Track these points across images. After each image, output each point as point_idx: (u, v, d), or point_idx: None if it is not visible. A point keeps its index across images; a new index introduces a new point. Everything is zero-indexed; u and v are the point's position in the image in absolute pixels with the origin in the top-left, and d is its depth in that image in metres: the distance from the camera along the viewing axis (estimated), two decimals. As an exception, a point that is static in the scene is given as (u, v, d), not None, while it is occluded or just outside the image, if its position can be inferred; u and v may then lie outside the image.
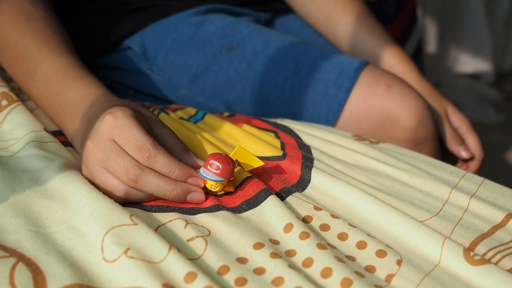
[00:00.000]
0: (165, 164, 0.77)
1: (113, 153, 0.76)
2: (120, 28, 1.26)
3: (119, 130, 0.77)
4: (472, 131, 1.29)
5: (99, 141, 0.77)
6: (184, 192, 0.78)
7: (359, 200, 0.80)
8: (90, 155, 0.78)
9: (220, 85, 1.23)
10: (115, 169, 0.76)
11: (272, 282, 0.65)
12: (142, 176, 0.76)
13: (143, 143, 0.76)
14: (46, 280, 0.62)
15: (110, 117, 0.77)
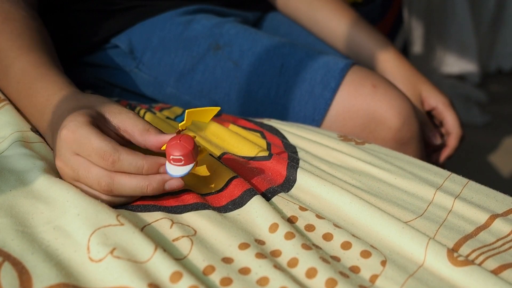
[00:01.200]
0: (131, 163, 0.75)
1: (80, 169, 0.75)
2: (107, 26, 1.26)
3: (78, 144, 0.75)
4: (449, 109, 1.36)
5: (64, 159, 0.77)
6: (159, 183, 0.77)
7: (344, 200, 0.80)
8: (63, 173, 0.78)
9: (206, 84, 1.23)
10: (87, 183, 0.76)
11: (257, 282, 0.65)
12: (114, 183, 0.75)
13: (103, 150, 0.74)
14: (32, 279, 0.62)
15: (65, 132, 0.76)
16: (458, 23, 3.17)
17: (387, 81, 1.19)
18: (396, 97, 1.16)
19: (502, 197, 0.84)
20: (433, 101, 1.33)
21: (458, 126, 1.32)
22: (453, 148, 1.33)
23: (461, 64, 3.25)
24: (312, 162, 0.92)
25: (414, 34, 3.21)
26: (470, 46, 3.21)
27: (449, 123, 1.33)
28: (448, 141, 1.32)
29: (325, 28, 1.40)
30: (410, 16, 3.13)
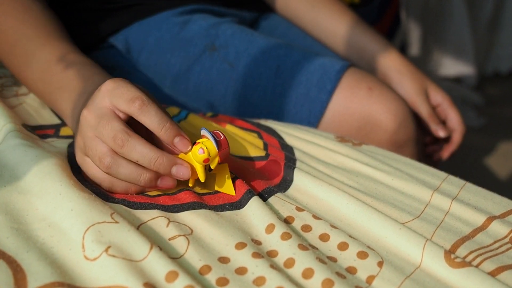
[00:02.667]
0: (157, 115, 0.75)
1: (103, 118, 0.75)
2: (104, 26, 1.26)
3: (115, 89, 0.76)
4: (453, 107, 1.35)
5: (94, 108, 0.77)
6: (169, 162, 0.76)
7: (341, 201, 0.80)
8: (84, 123, 0.77)
9: (202, 86, 1.23)
10: (103, 134, 0.75)
11: (254, 282, 0.65)
12: (129, 140, 0.74)
13: (136, 94, 0.75)
14: (27, 278, 0.62)
15: (109, 82, 0.77)
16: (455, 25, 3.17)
17: (383, 84, 1.19)
18: (392, 100, 1.16)
19: (499, 199, 0.84)
20: (439, 97, 1.34)
21: (462, 123, 1.34)
22: (457, 144, 1.34)
23: (458, 66, 3.26)
24: (309, 162, 0.92)
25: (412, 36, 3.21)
26: (467, 49, 3.21)
27: (454, 119, 1.34)
28: (453, 137, 1.34)
29: (325, 29, 1.40)
30: (408, 18, 3.14)
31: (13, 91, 1.05)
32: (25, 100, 1.02)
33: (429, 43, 3.26)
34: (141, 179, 0.77)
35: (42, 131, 0.93)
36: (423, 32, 3.21)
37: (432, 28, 3.23)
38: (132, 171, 0.76)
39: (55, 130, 0.94)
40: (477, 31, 3.29)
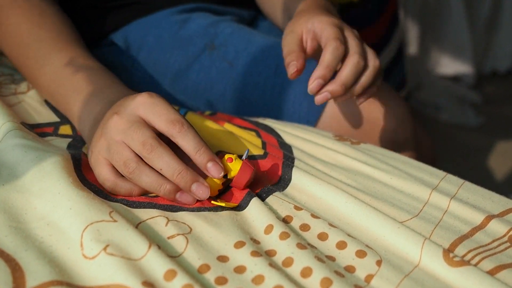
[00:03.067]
0: (194, 139, 0.77)
1: (135, 124, 0.77)
2: (104, 23, 1.26)
3: (153, 105, 0.78)
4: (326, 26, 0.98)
5: (126, 114, 0.78)
6: (192, 178, 0.77)
7: (340, 200, 0.80)
8: (113, 127, 0.78)
9: (201, 84, 1.23)
10: (133, 137, 0.76)
11: (253, 280, 0.65)
12: (158, 148, 0.76)
13: (177, 117, 0.77)
14: (25, 276, 0.62)
15: (145, 95, 0.79)
16: (453, 24, 3.17)
17: (382, 83, 1.19)
18: (391, 99, 1.16)
19: (498, 198, 0.84)
20: (310, 25, 0.99)
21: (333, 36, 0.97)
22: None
23: (456, 65, 3.26)
24: (308, 161, 0.92)
25: (410, 34, 3.21)
26: (465, 47, 3.21)
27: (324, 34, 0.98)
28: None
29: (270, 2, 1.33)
30: (406, 17, 3.14)
31: (11, 89, 1.05)
32: (23, 98, 1.02)
33: (427, 42, 3.26)
34: (161, 189, 0.78)
35: (40, 129, 0.93)
36: (421, 31, 3.21)
37: (430, 27, 3.23)
38: (153, 180, 0.78)
39: (54, 128, 0.94)
40: (475, 30, 3.28)
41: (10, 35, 1.01)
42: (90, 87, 0.92)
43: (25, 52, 1.00)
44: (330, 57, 0.92)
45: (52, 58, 0.97)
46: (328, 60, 0.92)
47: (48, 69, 0.97)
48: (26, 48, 0.99)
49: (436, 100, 3.05)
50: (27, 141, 0.83)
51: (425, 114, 2.99)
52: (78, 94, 0.92)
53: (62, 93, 0.94)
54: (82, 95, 0.91)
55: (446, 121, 2.93)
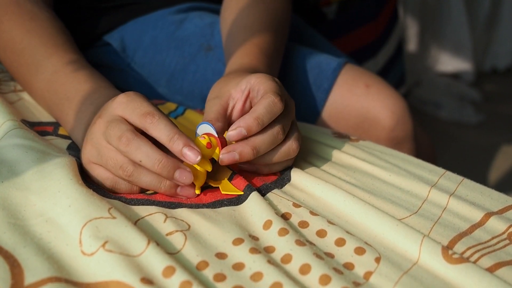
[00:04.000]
0: (166, 128, 0.76)
1: (112, 122, 0.77)
2: (100, 24, 1.26)
3: (129, 102, 0.78)
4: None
5: (107, 116, 0.78)
6: (173, 165, 0.76)
7: (339, 198, 0.80)
8: (96, 131, 0.78)
9: (197, 85, 1.22)
10: (110, 134, 0.76)
11: (251, 277, 0.65)
12: (134, 139, 0.75)
13: (148, 109, 0.76)
14: (24, 273, 0.62)
15: (122, 95, 0.79)
16: (453, 21, 3.18)
17: (381, 80, 1.19)
18: (390, 97, 1.16)
19: (497, 195, 0.84)
20: (245, 85, 0.87)
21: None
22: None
23: (455, 62, 3.26)
24: (306, 158, 0.92)
25: (409, 32, 3.21)
26: (465, 45, 3.22)
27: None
28: None
29: None
30: (405, 14, 3.14)
31: (11, 86, 1.05)
32: (23, 95, 1.02)
33: (426, 39, 3.26)
34: (162, 185, 0.78)
35: (41, 127, 0.93)
36: (420, 28, 3.21)
37: (429, 25, 3.23)
38: (153, 178, 0.78)
39: (54, 127, 0.94)
40: (475, 27, 3.29)
41: (3, 42, 1.01)
42: (79, 94, 0.91)
43: (18, 60, 0.99)
44: (263, 111, 0.80)
45: (43, 65, 0.96)
46: (260, 113, 0.80)
47: (40, 77, 0.96)
48: (18, 55, 0.99)
49: (435, 97, 3.06)
50: (28, 141, 0.83)
51: (425, 112, 2.99)
52: (70, 103, 0.91)
53: (55, 101, 0.94)
54: (72, 103, 0.91)
55: (445, 118, 2.93)
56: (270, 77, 0.85)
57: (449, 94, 3.09)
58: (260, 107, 0.80)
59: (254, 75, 0.86)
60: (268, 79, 0.85)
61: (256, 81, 0.85)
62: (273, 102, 0.80)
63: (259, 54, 1.02)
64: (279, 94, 0.82)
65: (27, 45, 0.98)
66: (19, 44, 0.99)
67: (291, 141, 0.85)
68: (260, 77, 0.85)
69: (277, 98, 0.81)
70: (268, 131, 0.81)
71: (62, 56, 0.97)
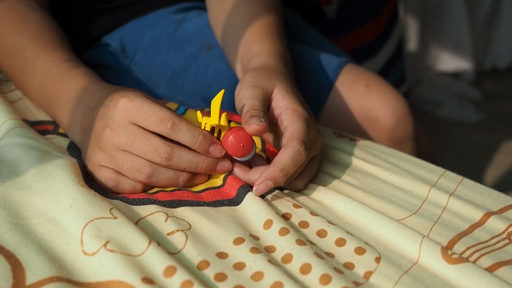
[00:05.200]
0: (189, 131, 0.78)
1: (138, 136, 0.77)
2: (99, 24, 1.26)
3: (137, 109, 0.78)
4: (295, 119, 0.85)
5: (118, 126, 0.78)
6: (214, 162, 0.81)
7: (339, 204, 0.80)
8: (110, 142, 0.79)
9: (199, 85, 1.22)
10: (144, 150, 0.77)
11: (252, 277, 0.65)
12: (174, 152, 0.78)
13: (164, 114, 0.77)
14: (25, 272, 0.62)
15: (124, 100, 0.78)
16: (453, 20, 3.17)
17: (381, 80, 1.19)
18: (391, 96, 1.16)
19: (497, 195, 0.84)
20: (283, 104, 0.87)
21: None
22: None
23: (456, 61, 3.26)
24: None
25: (409, 31, 3.21)
26: (465, 44, 3.21)
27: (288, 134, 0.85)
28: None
29: None
30: (406, 13, 3.14)
31: (11, 85, 1.05)
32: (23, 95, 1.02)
33: (427, 38, 3.26)
34: (181, 180, 0.81)
35: (41, 126, 0.93)
36: (421, 27, 3.21)
37: (430, 23, 3.23)
38: (172, 175, 0.80)
39: (54, 126, 0.94)
40: (475, 26, 3.28)
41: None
42: (69, 93, 0.91)
43: (12, 62, 1.00)
44: (289, 162, 0.79)
45: (33, 67, 0.96)
46: (286, 164, 0.79)
47: (31, 79, 0.96)
48: (11, 58, 0.99)
49: (435, 96, 3.06)
50: (29, 140, 0.84)
51: (425, 111, 2.99)
52: (60, 104, 0.91)
53: (47, 103, 0.94)
54: (63, 104, 0.91)
55: (445, 117, 2.93)
56: (303, 116, 0.84)
57: (449, 93, 3.09)
58: (285, 158, 0.79)
59: (292, 106, 0.84)
60: (300, 119, 0.83)
61: (289, 115, 0.84)
62: (298, 151, 0.79)
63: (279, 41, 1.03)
64: (304, 142, 0.81)
65: (17, 48, 0.98)
66: (11, 47, 0.99)
67: (299, 181, 0.85)
68: (295, 113, 0.84)
69: (302, 147, 0.80)
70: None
71: (50, 55, 0.96)
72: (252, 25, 1.05)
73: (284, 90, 0.86)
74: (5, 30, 1.00)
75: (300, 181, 0.85)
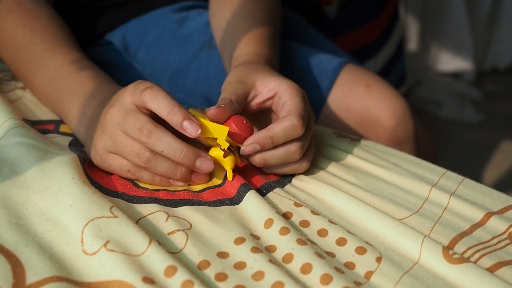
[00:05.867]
0: (165, 100, 0.77)
1: (129, 112, 0.77)
2: (101, 22, 1.26)
3: (135, 86, 0.79)
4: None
5: (119, 105, 0.79)
6: (194, 154, 0.78)
7: (340, 197, 0.80)
8: (111, 120, 0.79)
9: (200, 83, 1.22)
10: (130, 126, 0.77)
11: (252, 276, 0.65)
12: (155, 131, 0.76)
13: (146, 84, 0.78)
14: (25, 272, 0.62)
15: (132, 85, 0.80)
16: (454, 20, 3.17)
17: (382, 80, 1.19)
18: (391, 97, 1.16)
19: (498, 195, 0.84)
20: (274, 85, 0.87)
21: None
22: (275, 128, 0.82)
23: (456, 62, 3.26)
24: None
25: (410, 31, 3.21)
26: (465, 44, 3.21)
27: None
28: None
29: None
30: (406, 13, 3.14)
31: (11, 85, 1.05)
32: (24, 94, 1.02)
33: (427, 38, 3.26)
34: (178, 172, 0.80)
35: (42, 126, 0.93)
36: (421, 28, 3.21)
37: (430, 24, 3.23)
38: (169, 165, 0.79)
39: (55, 125, 0.94)
40: (475, 26, 3.29)
41: (5, 40, 1.02)
42: (81, 89, 0.92)
43: (20, 57, 1.00)
44: (281, 132, 0.80)
45: (45, 61, 0.97)
46: (277, 133, 0.80)
47: (42, 73, 0.97)
48: (20, 53, 1.00)
49: (436, 96, 3.06)
50: (30, 139, 0.83)
51: (425, 111, 2.99)
52: (72, 97, 0.92)
53: (57, 96, 0.95)
54: (75, 98, 0.92)
55: (446, 117, 2.93)
56: (300, 91, 0.86)
57: (450, 93, 3.09)
58: (278, 128, 0.80)
59: (286, 82, 0.86)
60: (298, 94, 0.85)
61: (287, 91, 0.85)
62: (293, 126, 0.80)
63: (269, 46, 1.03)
64: (303, 117, 0.81)
65: (29, 42, 0.99)
66: (22, 41, 0.99)
67: (305, 161, 0.86)
68: (291, 88, 0.85)
69: (299, 123, 0.80)
70: (285, 147, 0.82)
71: (64, 53, 0.97)
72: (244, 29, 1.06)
73: (268, 76, 0.88)
74: (15, 24, 1.01)
75: (303, 161, 0.86)
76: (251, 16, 1.10)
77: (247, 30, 1.05)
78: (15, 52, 1.00)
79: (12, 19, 1.01)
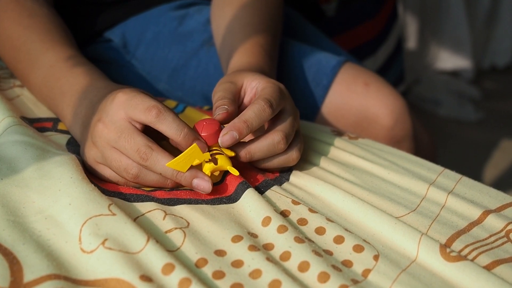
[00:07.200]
0: (174, 122, 0.76)
1: (124, 132, 0.76)
2: (101, 20, 1.26)
3: (129, 100, 0.77)
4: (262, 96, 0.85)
5: (110, 121, 0.78)
6: (191, 176, 0.78)
7: (338, 195, 0.80)
8: (101, 136, 0.78)
9: (199, 80, 1.22)
10: (126, 148, 0.76)
11: (250, 275, 0.65)
12: (152, 154, 0.76)
13: (152, 103, 0.76)
14: (23, 270, 0.62)
15: (120, 94, 0.78)
16: (452, 19, 3.18)
17: (380, 79, 1.19)
18: (389, 95, 1.16)
19: (495, 193, 0.84)
20: (256, 83, 0.88)
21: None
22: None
23: (455, 60, 3.26)
24: (305, 156, 0.92)
25: (409, 29, 3.21)
26: (464, 42, 3.21)
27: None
28: None
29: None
30: (405, 12, 3.14)
31: (10, 83, 1.05)
32: (22, 92, 1.02)
33: (426, 36, 3.26)
34: (168, 183, 0.80)
35: (40, 124, 0.93)
36: (420, 26, 3.21)
37: (429, 22, 3.23)
38: (159, 178, 0.79)
39: (53, 123, 0.94)
40: (474, 25, 3.29)
41: (2, 39, 1.02)
42: (72, 89, 0.92)
43: (17, 55, 1.00)
44: (252, 115, 0.80)
45: (40, 60, 0.97)
46: (249, 116, 0.80)
47: (36, 73, 0.97)
48: (17, 51, 1.00)
49: (434, 95, 3.06)
50: (28, 137, 0.83)
51: (424, 109, 3.00)
52: (64, 97, 0.92)
53: (51, 96, 0.94)
54: (67, 98, 0.91)
55: (444, 116, 2.93)
56: (276, 85, 0.86)
57: (448, 91, 3.09)
58: (249, 111, 0.80)
59: (265, 80, 0.87)
60: (272, 85, 0.85)
61: (264, 85, 0.86)
62: (262, 107, 0.80)
63: (263, 54, 1.03)
64: (269, 101, 0.82)
65: (24, 41, 0.99)
66: (17, 40, 1.00)
67: (293, 151, 0.85)
68: (269, 83, 0.86)
69: (267, 105, 0.81)
70: (269, 138, 0.82)
71: (58, 51, 0.97)
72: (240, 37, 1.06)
73: (254, 75, 0.88)
74: (12, 23, 1.01)
75: (291, 152, 0.85)
76: (249, 21, 1.10)
77: (242, 38, 1.05)
78: (12, 50, 1.01)
79: (9, 17, 1.02)
